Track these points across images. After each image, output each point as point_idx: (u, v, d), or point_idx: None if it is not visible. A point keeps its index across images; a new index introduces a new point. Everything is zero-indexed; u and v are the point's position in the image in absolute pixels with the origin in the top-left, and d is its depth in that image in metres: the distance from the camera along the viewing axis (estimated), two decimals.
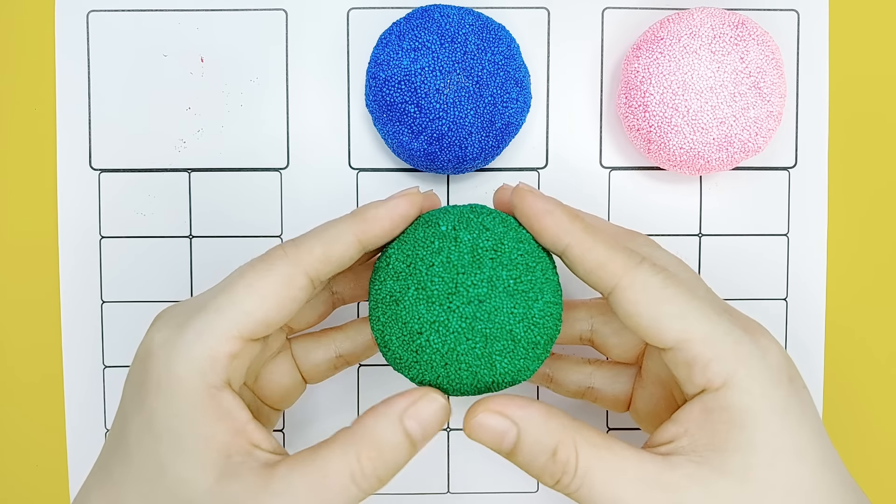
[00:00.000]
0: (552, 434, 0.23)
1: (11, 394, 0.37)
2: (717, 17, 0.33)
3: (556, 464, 0.23)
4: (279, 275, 0.24)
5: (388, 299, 0.26)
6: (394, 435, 0.23)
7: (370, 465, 0.23)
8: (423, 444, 0.24)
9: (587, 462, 0.23)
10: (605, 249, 0.25)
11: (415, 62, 0.32)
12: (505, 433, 0.24)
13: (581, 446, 0.23)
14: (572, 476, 0.23)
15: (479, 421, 0.24)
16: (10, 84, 0.37)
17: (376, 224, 0.25)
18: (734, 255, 0.37)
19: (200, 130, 0.36)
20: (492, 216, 0.26)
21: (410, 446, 0.23)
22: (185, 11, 0.36)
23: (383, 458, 0.23)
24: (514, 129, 0.34)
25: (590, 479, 0.23)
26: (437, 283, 0.25)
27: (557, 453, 0.23)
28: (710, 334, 0.24)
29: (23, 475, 0.37)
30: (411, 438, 0.23)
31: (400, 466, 0.23)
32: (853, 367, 0.38)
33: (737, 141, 0.33)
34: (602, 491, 0.23)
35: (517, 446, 0.24)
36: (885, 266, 0.37)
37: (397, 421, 0.23)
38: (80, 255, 0.37)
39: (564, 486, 0.23)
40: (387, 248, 0.27)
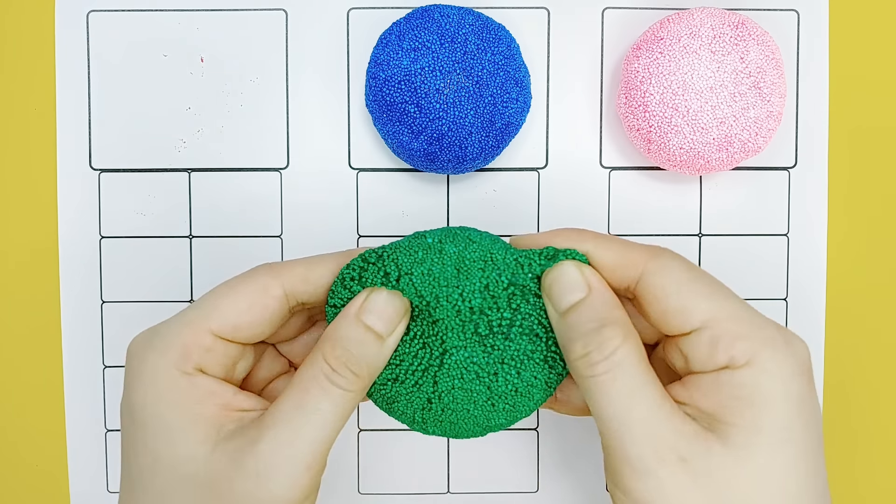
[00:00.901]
0: (613, 312, 0.24)
1: (11, 394, 0.37)
2: (717, 17, 0.33)
3: (599, 335, 0.23)
4: (256, 282, 0.25)
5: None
6: (354, 330, 0.24)
7: (337, 361, 0.23)
8: (389, 333, 0.24)
9: (625, 355, 0.23)
10: (623, 244, 0.25)
11: (415, 62, 0.32)
12: (576, 288, 0.24)
13: (629, 340, 0.23)
14: (605, 355, 0.23)
15: (562, 266, 0.24)
16: (10, 84, 0.37)
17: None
18: (734, 255, 0.37)
19: (200, 130, 0.36)
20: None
21: (377, 338, 0.24)
22: (185, 11, 0.36)
23: (350, 353, 0.24)
24: (514, 129, 0.34)
25: (617, 372, 0.22)
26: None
27: (606, 328, 0.23)
28: (738, 314, 0.23)
29: (23, 475, 0.37)
30: (373, 330, 0.24)
31: (373, 361, 0.24)
32: (853, 367, 0.38)
33: (737, 141, 0.33)
34: (620, 388, 0.22)
35: (576, 306, 0.24)
36: (885, 266, 0.37)
37: (354, 319, 0.24)
38: (80, 255, 0.37)
39: (591, 364, 0.23)
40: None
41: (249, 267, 0.26)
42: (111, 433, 0.37)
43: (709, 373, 0.23)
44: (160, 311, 0.37)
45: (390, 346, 0.25)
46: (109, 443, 0.37)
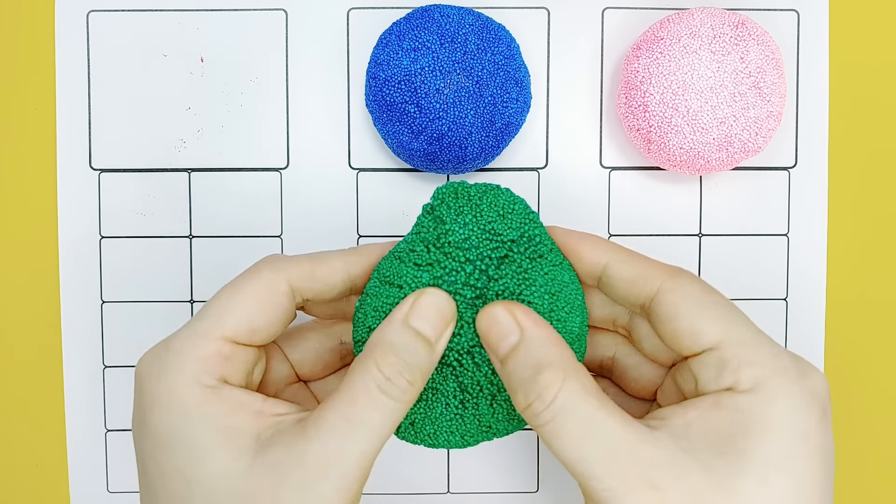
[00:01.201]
0: (548, 355, 0.22)
1: (11, 394, 0.37)
2: (717, 17, 0.33)
3: (537, 384, 0.22)
4: (262, 280, 0.24)
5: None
6: (404, 336, 0.23)
7: (392, 370, 0.22)
8: (438, 338, 0.24)
9: (568, 398, 0.22)
10: (643, 260, 0.25)
11: (415, 62, 0.32)
12: (508, 333, 0.23)
13: (570, 381, 0.22)
14: (546, 405, 0.22)
15: (491, 311, 0.23)
16: (10, 84, 0.37)
17: (365, 255, 0.26)
18: (734, 255, 0.37)
19: (200, 130, 0.36)
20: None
21: (426, 344, 0.23)
22: (185, 11, 0.36)
23: (403, 361, 0.23)
24: (514, 129, 0.34)
25: (562, 418, 0.21)
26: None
27: (542, 374, 0.22)
28: (752, 341, 0.23)
29: (23, 475, 0.37)
30: (423, 336, 0.23)
31: (424, 368, 0.23)
32: (853, 367, 0.38)
33: (737, 141, 0.33)
34: (571, 433, 0.21)
35: (512, 352, 0.23)
36: (885, 266, 0.37)
37: (402, 324, 0.23)
38: (80, 255, 0.37)
39: (535, 414, 0.22)
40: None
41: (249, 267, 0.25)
42: (111, 433, 0.37)
43: (711, 393, 0.23)
44: (160, 311, 0.37)
45: (439, 351, 0.24)
46: (109, 443, 0.37)
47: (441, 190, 0.25)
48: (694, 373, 0.24)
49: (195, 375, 0.23)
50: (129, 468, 0.37)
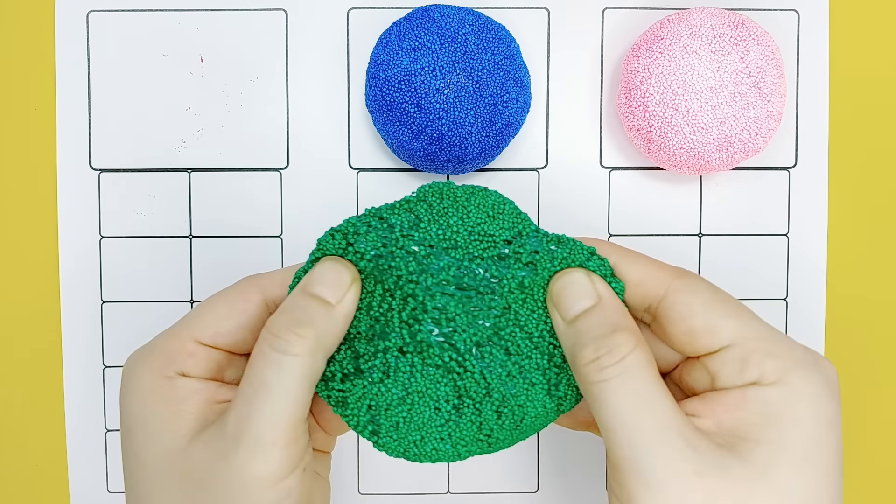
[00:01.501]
0: (624, 320, 0.23)
1: (11, 394, 0.37)
2: (717, 17, 0.33)
3: (610, 340, 0.22)
4: (235, 289, 0.26)
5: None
6: (298, 299, 0.24)
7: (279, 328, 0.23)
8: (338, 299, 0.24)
9: (637, 360, 0.22)
10: (649, 261, 0.25)
11: (415, 62, 0.32)
12: (586, 296, 0.24)
13: (641, 347, 0.23)
14: (616, 360, 0.22)
15: (571, 273, 0.24)
16: (10, 84, 0.37)
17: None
18: (734, 255, 0.37)
19: (200, 130, 0.36)
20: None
21: (323, 304, 0.24)
22: (185, 11, 0.36)
23: (291, 318, 0.23)
24: (514, 129, 0.34)
25: (626, 375, 0.22)
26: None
27: (617, 333, 0.23)
28: (768, 334, 0.23)
29: (23, 475, 0.37)
30: (319, 297, 0.24)
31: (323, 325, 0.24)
32: (853, 367, 0.38)
33: (737, 141, 0.33)
34: (630, 394, 0.22)
35: (586, 313, 0.24)
36: (885, 266, 0.37)
37: (299, 291, 0.24)
38: (80, 255, 0.37)
39: (600, 368, 0.22)
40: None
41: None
42: (111, 433, 0.37)
43: (735, 388, 0.23)
44: (160, 311, 0.37)
45: (342, 311, 0.24)
46: (109, 443, 0.37)
47: (425, 189, 0.25)
48: (711, 371, 0.24)
49: (157, 368, 0.24)
50: None
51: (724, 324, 0.23)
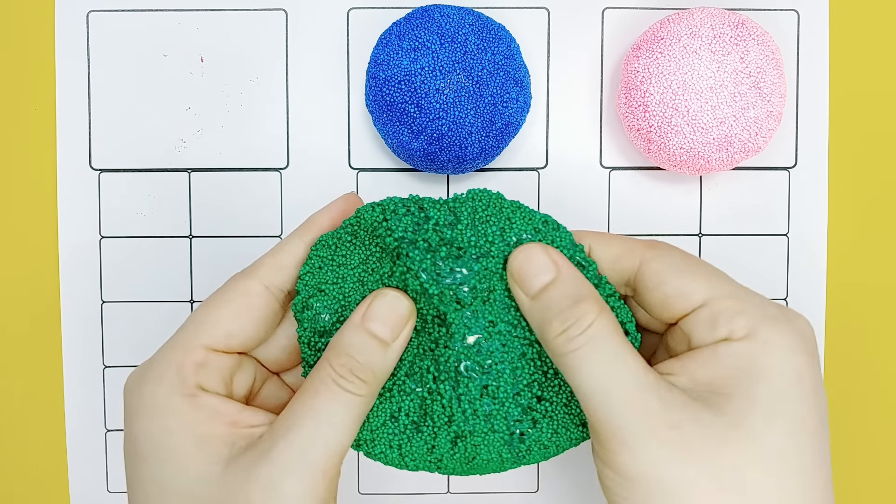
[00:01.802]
0: (585, 289, 0.24)
1: (11, 394, 0.37)
2: (717, 17, 0.33)
3: (575, 310, 0.23)
4: (234, 289, 0.25)
5: None
6: (358, 338, 0.24)
7: (343, 368, 0.23)
8: (394, 338, 0.24)
9: (602, 326, 0.23)
10: (623, 238, 0.26)
11: (415, 62, 0.32)
12: (545, 270, 0.24)
13: (604, 313, 0.23)
14: (582, 329, 0.23)
15: (528, 249, 0.24)
16: (10, 84, 0.37)
17: (316, 224, 0.26)
18: (734, 255, 0.37)
19: (200, 130, 0.36)
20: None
21: (381, 345, 0.24)
22: (185, 11, 0.36)
23: (355, 360, 0.24)
24: (514, 129, 0.34)
25: (595, 342, 0.23)
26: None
27: (581, 304, 0.23)
28: (738, 294, 0.24)
29: (23, 475, 0.37)
30: (377, 337, 0.24)
31: (378, 367, 0.24)
32: (853, 367, 0.38)
33: (737, 141, 0.33)
34: (601, 359, 0.22)
35: (548, 287, 0.24)
36: (885, 266, 0.37)
37: (358, 327, 0.24)
38: (80, 255, 0.37)
39: (569, 339, 0.23)
40: None
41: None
42: (111, 433, 0.37)
43: (708, 346, 0.23)
44: (160, 311, 0.37)
45: (396, 350, 0.25)
46: (109, 443, 0.37)
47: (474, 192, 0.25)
48: (686, 331, 0.24)
49: (173, 385, 0.24)
50: None
51: (695, 287, 0.24)
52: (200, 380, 0.24)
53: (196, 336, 0.24)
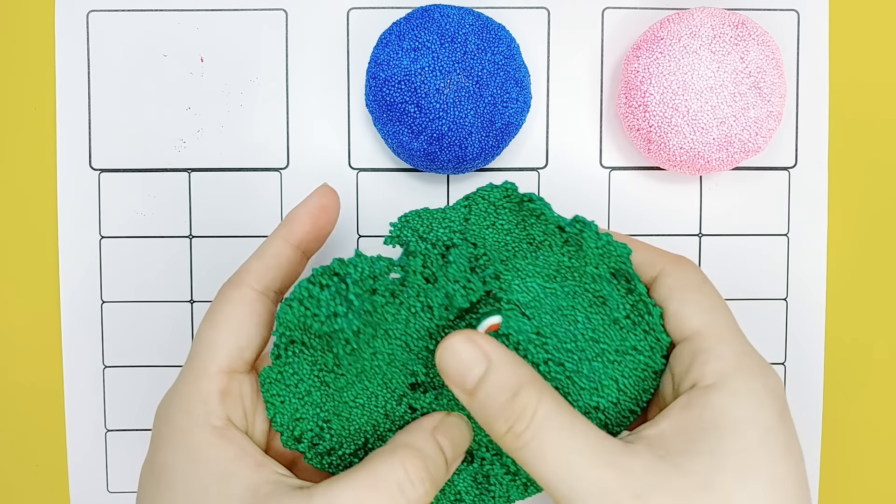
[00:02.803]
0: (520, 376, 0.23)
1: (11, 394, 0.37)
2: (717, 17, 0.33)
3: (515, 405, 0.22)
4: (230, 302, 0.25)
5: None
6: (431, 446, 0.23)
7: (416, 474, 0.22)
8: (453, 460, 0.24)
9: (546, 413, 0.22)
10: (652, 248, 0.26)
11: (415, 62, 0.32)
12: (475, 364, 0.23)
13: (545, 397, 0.22)
14: (528, 423, 0.22)
15: (451, 346, 0.23)
16: (10, 84, 0.37)
17: (297, 221, 0.26)
18: (734, 255, 0.37)
19: (200, 130, 0.36)
20: None
21: (444, 462, 0.24)
22: (185, 11, 0.36)
23: (427, 468, 0.23)
24: (514, 129, 0.34)
25: (543, 433, 0.22)
26: None
27: (519, 395, 0.22)
28: (725, 335, 0.23)
29: (23, 475, 0.37)
30: (444, 454, 0.24)
31: (440, 481, 0.23)
32: (853, 367, 0.38)
33: (737, 141, 0.33)
34: (553, 448, 0.21)
35: (482, 381, 0.23)
36: (885, 266, 0.37)
37: (430, 435, 0.24)
38: (80, 255, 0.37)
39: (516, 436, 0.22)
40: None
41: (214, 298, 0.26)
42: (111, 433, 0.37)
43: (681, 395, 0.23)
44: (160, 311, 0.37)
45: (450, 470, 0.25)
46: (109, 443, 0.37)
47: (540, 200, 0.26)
48: (671, 368, 0.25)
49: (203, 416, 0.23)
50: (129, 468, 0.37)
51: (693, 314, 0.24)
52: (228, 411, 0.24)
53: (212, 361, 0.24)
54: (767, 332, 0.37)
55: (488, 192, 0.26)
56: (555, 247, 0.25)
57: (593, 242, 0.25)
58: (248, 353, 0.25)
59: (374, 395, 0.26)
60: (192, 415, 0.23)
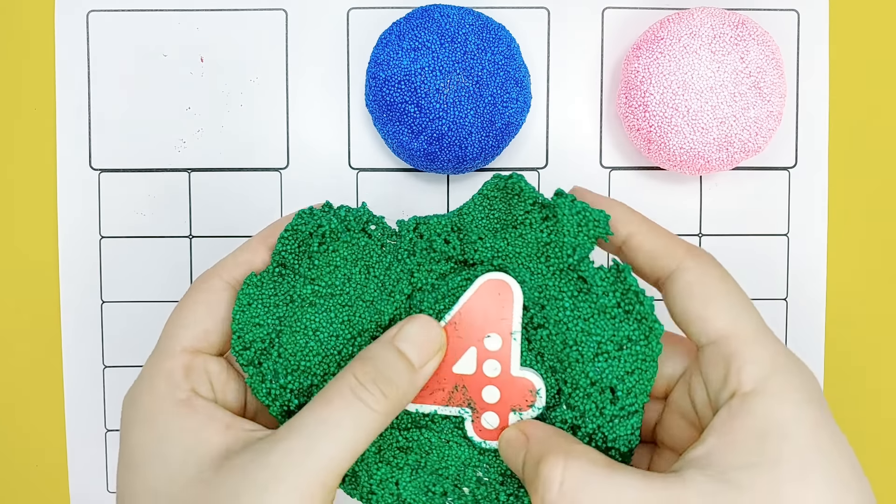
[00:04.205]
0: (545, 445, 0.22)
1: (11, 394, 0.37)
2: (717, 17, 0.33)
3: (539, 476, 0.21)
4: (200, 289, 0.26)
5: None
6: (387, 352, 0.24)
7: (366, 377, 0.23)
8: (422, 364, 0.24)
9: (575, 476, 0.21)
10: (667, 235, 0.25)
11: (415, 62, 0.32)
12: (520, 448, 0.23)
13: (572, 459, 0.21)
14: (556, 491, 0.21)
15: (505, 436, 0.24)
16: (10, 84, 0.37)
17: (278, 226, 0.27)
18: (734, 255, 0.37)
19: (200, 130, 0.36)
20: None
21: (409, 366, 0.24)
22: (185, 11, 0.36)
23: (380, 373, 0.23)
24: (514, 129, 0.34)
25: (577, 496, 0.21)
26: None
27: (541, 464, 0.22)
28: (755, 335, 0.23)
29: (23, 475, 0.37)
30: (406, 357, 0.24)
31: (404, 388, 0.23)
32: (853, 367, 0.38)
33: (737, 141, 0.33)
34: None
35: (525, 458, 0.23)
36: (885, 266, 0.37)
37: (388, 343, 0.24)
38: (80, 255, 0.37)
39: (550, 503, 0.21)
40: None
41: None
42: (111, 433, 0.37)
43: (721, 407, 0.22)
44: (160, 311, 0.37)
45: (422, 377, 0.24)
46: (109, 443, 0.37)
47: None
48: (703, 375, 0.23)
49: (165, 393, 0.24)
50: None
51: (718, 314, 0.23)
52: (192, 384, 0.24)
53: (177, 341, 0.25)
54: None
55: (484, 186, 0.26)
56: (535, 224, 0.25)
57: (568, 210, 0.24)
58: (214, 336, 0.25)
59: (335, 336, 0.25)
60: (155, 393, 0.24)
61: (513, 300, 0.25)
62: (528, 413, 0.25)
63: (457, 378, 0.25)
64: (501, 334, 0.25)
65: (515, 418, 0.25)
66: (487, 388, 0.25)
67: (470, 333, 0.25)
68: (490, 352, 0.25)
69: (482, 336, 0.25)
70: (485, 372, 0.25)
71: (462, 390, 0.25)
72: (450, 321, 0.25)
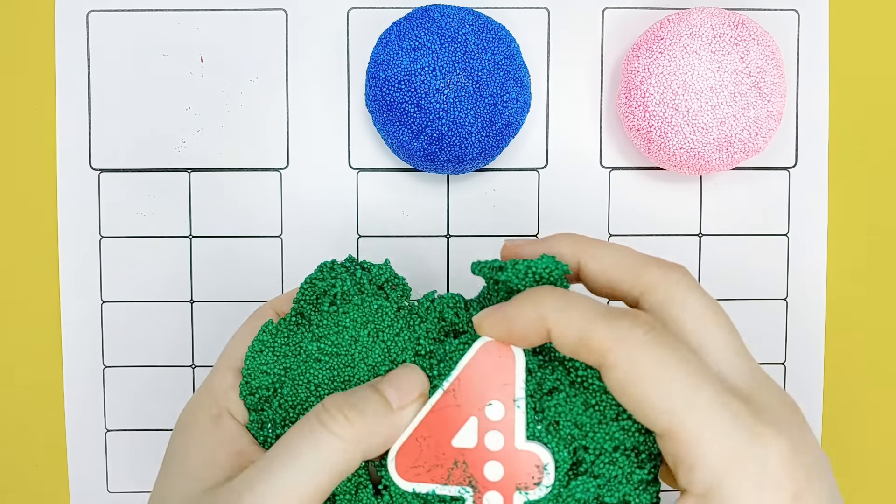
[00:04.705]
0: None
1: (11, 394, 0.37)
2: (717, 17, 0.33)
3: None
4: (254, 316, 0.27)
5: None
6: (363, 389, 0.23)
7: (334, 404, 0.22)
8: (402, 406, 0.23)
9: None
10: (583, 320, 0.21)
11: (415, 62, 0.32)
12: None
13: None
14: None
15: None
16: (10, 84, 0.37)
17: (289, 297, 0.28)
18: (734, 255, 0.37)
19: (200, 130, 0.36)
20: None
21: (383, 401, 0.23)
22: (185, 11, 0.36)
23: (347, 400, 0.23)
24: (514, 129, 0.34)
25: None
26: None
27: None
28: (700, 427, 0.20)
29: (23, 475, 0.37)
30: (382, 394, 0.23)
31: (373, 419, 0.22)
32: (853, 367, 0.38)
33: (737, 141, 0.33)
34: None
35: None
36: (886, 266, 0.37)
37: (368, 385, 0.24)
38: (80, 255, 0.37)
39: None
40: None
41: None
42: (111, 433, 0.37)
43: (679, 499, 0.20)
44: (160, 311, 0.37)
45: (400, 418, 0.23)
46: (109, 443, 0.37)
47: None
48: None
49: (206, 405, 0.26)
50: (129, 468, 0.37)
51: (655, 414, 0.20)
52: (229, 403, 0.26)
53: (227, 360, 0.26)
54: (767, 332, 0.37)
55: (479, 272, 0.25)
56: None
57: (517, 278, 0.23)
58: None
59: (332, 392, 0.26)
60: (198, 404, 0.26)
61: (514, 363, 0.23)
62: (536, 492, 0.22)
63: (456, 452, 0.23)
64: (504, 402, 0.23)
65: (521, 498, 0.23)
66: (490, 464, 0.23)
67: (470, 401, 0.23)
68: (492, 422, 0.23)
69: (483, 404, 0.23)
70: (487, 445, 0.23)
71: (462, 466, 0.23)
72: (448, 388, 0.23)
